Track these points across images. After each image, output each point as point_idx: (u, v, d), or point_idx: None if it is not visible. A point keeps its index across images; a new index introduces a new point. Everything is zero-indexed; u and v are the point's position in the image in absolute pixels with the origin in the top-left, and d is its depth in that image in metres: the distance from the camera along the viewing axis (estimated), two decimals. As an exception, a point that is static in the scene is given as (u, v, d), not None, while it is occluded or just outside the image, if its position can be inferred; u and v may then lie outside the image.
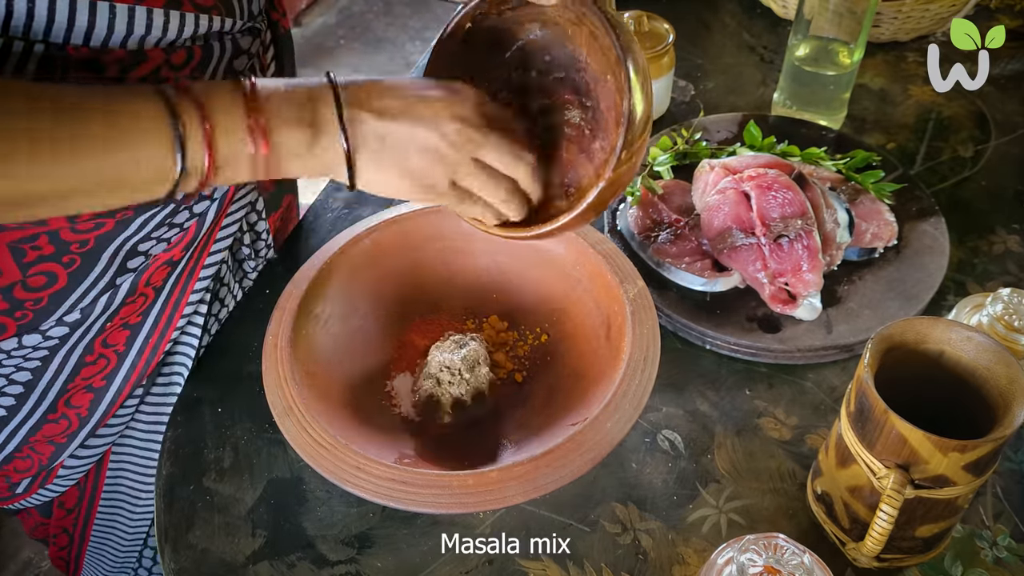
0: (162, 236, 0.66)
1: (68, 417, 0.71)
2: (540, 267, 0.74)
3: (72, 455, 0.74)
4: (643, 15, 0.93)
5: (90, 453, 0.75)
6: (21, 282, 0.61)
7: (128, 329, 0.70)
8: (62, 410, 0.70)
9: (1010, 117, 0.98)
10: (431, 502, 0.56)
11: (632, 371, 0.62)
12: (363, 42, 2.80)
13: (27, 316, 0.64)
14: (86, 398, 0.71)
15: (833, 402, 0.72)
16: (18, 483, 0.74)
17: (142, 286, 0.68)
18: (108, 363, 0.70)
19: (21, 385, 0.68)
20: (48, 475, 0.75)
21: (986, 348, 0.56)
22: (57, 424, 0.71)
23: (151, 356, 0.72)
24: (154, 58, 0.57)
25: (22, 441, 0.70)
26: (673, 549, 0.63)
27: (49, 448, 0.72)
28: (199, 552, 0.64)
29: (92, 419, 0.72)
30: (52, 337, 0.66)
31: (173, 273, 0.70)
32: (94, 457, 0.76)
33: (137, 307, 0.69)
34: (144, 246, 0.65)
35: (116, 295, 0.66)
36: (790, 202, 0.76)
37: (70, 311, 0.65)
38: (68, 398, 0.70)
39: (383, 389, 0.71)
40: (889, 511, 0.54)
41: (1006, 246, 0.84)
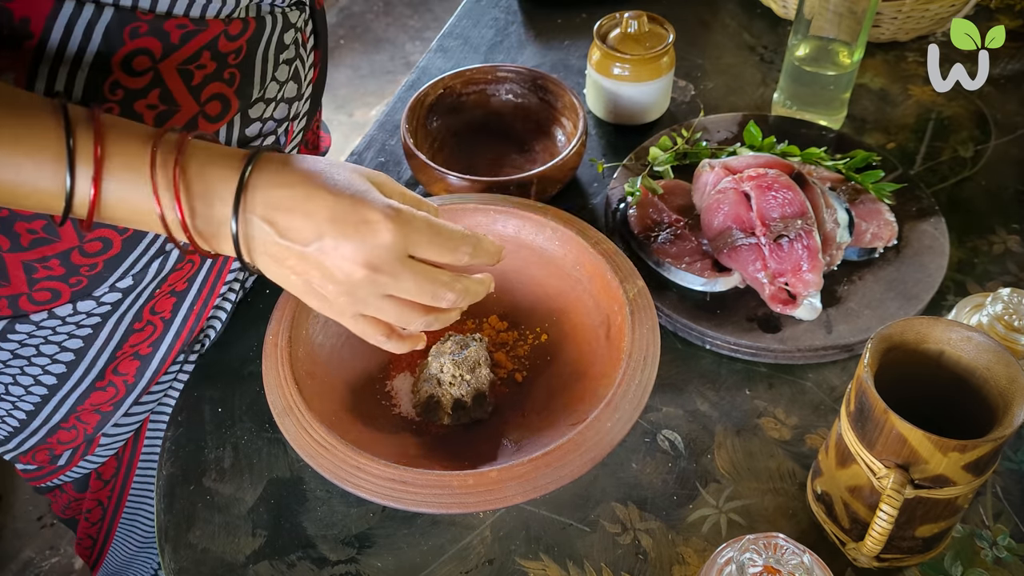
0: None
1: (115, 384, 0.72)
2: (540, 267, 0.74)
3: (115, 423, 0.75)
4: (643, 15, 0.93)
5: (131, 421, 0.77)
6: (78, 248, 0.63)
7: (175, 296, 0.71)
8: (109, 378, 0.71)
9: (1010, 117, 0.98)
10: (431, 502, 0.56)
11: (632, 371, 0.62)
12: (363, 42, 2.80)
13: (82, 282, 0.65)
14: (133, 365, 0.72)
15: (833, 402, 0.72)
16: (60, 455, 0.76)
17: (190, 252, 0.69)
18: (155, 330, 0.72)
19: (72, 352, 0.69)
20: (89, 445, 0.76)
21: (986, 348, 0.56)
22: (104, 392, 0.72)
23: (195, 324, 0.74)
24: (213, 27, 0.59)
25: (69, 411, 0.72)
26: (673, 549, 0.63)
27: (95, 417, 0.73)
28: (199, 552, 0.64)
29: (138, 386, 0.73)
30: (105, 303, 0.67)
31: None
32: (134, 425, 0.77)
33: (184, 273, 0.71)
34: None
35: (167, 261, 0.68)
36: (790, 202, 0.76)
37: (123, 277, 0.66)
38: (116, 366, 0.71)
39: (383, 389, 0.71)
40: (889, 511, 0.54)
41: (1006, 246, 0.84)
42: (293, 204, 0.51)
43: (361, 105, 2.58)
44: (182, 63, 0.60)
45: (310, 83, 0.76)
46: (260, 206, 0.51)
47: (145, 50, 0.57)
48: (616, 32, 0.94)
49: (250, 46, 0.63)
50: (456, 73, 0.94)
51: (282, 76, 0.69)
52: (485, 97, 0.96)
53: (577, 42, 1.11)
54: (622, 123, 0.98)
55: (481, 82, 0.95)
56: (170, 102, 0.60)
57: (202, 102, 0.62)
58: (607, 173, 0.92)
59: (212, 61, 0.61)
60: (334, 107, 2.57)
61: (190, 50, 0.59)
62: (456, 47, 1.11)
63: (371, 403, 0.69)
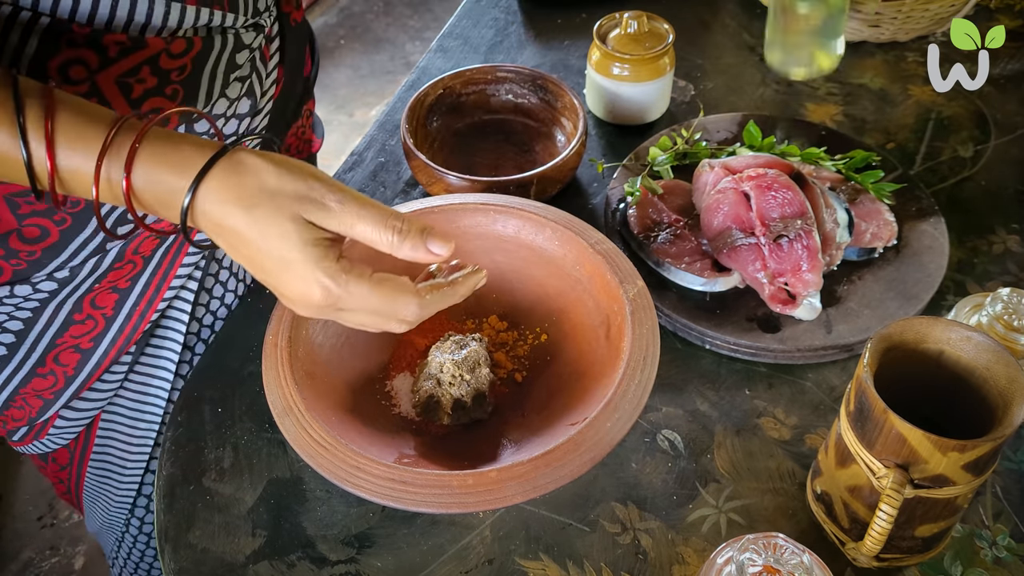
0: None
1: (55, 374, 0.73)
2: (540, 267, 0.74)
3: (61, 416, 0.76)
4: (643, 15, 0.94)
5: (78, 416, 0.77)
6: (17, 231, 0.64)
7: (116, 293, 0.72)
8: (50, 365, 0.73)
9: (1010, 117, 0.98)
10: (431, 502, 0.56)
11: (632, 371, 0.62)
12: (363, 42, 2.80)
13: (21, 265, 0.66)
14: (73, 357, 0.73)
15: (833, 402, 0.72)
16: (15, 430, 0.78)
17: (130, 253, 0.70)
18: (96, 325, 0.73)
19: (13, 335, 0.70)
20: (41, 430, 0.77)
21: (985, 348, 0.56)
22: (45, 379, 0.73)
23: (138, 322, 0.74)
24: (154, 45, 0.60)
25: (14, 391, 0.73)
26: (673, 549, 0.63)
27: (38, 402, 0.75)
28: (199, 552, 0.64)
29: (78, 378, 0.74)
30: (42, 291, 0.68)
31: (163, 244, 0.72)
32: (83, 420, 0.78)
33: (126, 272, 0.71)
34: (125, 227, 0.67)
35: (104, 259, 0.69)
36: (790, 202, 0.76)
37: (60, 268, 0.67)
38: (56, 354, 0.72)
39: (383, 389, 0.71)
40: (888, 511, 0.54)
41: (1006, 246, 0.84)
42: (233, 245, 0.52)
43: (361, 105, 2.58)
44: (120, 76, 0.60)
45: (269, 99, 0.76)
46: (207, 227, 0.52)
47: (81, 60, 0.58)
48: (616, 32, 0.94)
49: (196, 64, 0.63)
50: (456, 73, 0.94)
51: (233, 93, 0.69)
52: (485, 97, 0.96)
53: (577, 42, 1.11)
54: (622, 123, 0.98)
55: (481, 82, 0.95)
56: None
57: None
58: (607, 173, 0.92)
59: (152, 76, 0.61)
60: (334, 107, 2.57)
61: (128, 64, 0.59)
62: (456, 47, 1.11)
63: (371, 403, 0.69)
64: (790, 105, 1.01)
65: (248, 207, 0.51)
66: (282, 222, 0.51)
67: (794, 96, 1.02)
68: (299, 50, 0.81)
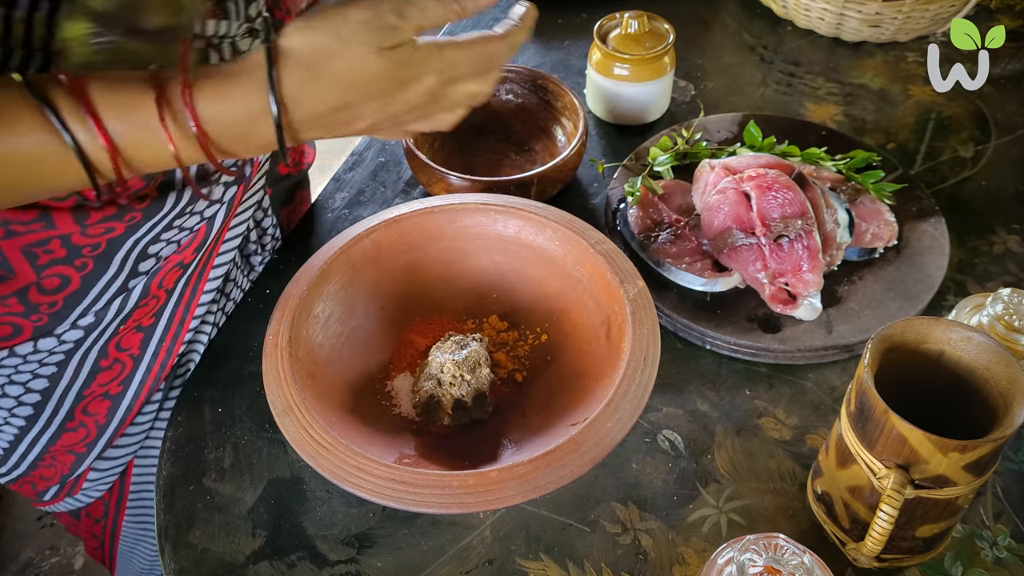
0: (172, 239, 0.66)
1: (86, 425, 0.71)
2: (540, 267, 0.74)
3: (94, 468, 0.74)
4: (643, 15, 0.93)
5: (111, 465, 0.75)
6: (36, 284, 0.62)
7: (141, 332, 0.70)
8: (80, 418, 0.70)
9: (1010, 117, 0.98)
10: (431, 502, 0.56)
11: (632, 371, 0.62)
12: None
13: (42, 319, 0.64)
14: (103, 405, 0.71)
15: (833, 402, 0.72)
16: (45, 491, 0.75)
17: (154, 288, 0.68)
18: (124, 368, 0.70)
19: (38, 393, 0.68)
20: (74, 486, 0.75)
21: (986, 348, 0.56)
22: (76, 432, 0.71)
23: (166, 359, 0.72)
24: None
25: (43, 451, 0.71)
26: (673, 549, 0.63)
27: (69, 458, 0.72)
28: (199, 552, 0.64)
29: (110, 427, 0.72)
30: (67, 341, 0.66)
31: (184, 275, 0.71)
32: (117, 468, 0.76)
33: (150, 309, 0.69)
34: (154, 248, 0.65)
35: (129, 298, 0.67)
36: (790, 202, 0.76)
37: (84, 314, 0.65)
38: (85, 405, 0.70)
39: (383, 389, 0.71)
40: (889, 511, 0.54)
41: (1006, 246, 0.84)
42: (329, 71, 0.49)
43: (361, 105, 2.58)
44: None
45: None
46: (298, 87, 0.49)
47: None
48: (616, 32, 0.94)
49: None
50: (456, 73, 0.94)
51: None
52: (485, 97, 0.95)
53: (577, 42, 1.11)
54: (622, 123, 0.98)
55: (481, 82, 0.95)
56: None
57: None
58: (607, 173, 0.92)
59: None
60: (334, 107, 2.56)
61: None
62: (456, 47, 1.11)
63: (371, 403, 0.69)
64: (790, 105, 1.01)
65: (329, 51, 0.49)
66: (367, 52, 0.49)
67: (794, 96, 1.02)
68: None
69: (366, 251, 0.72)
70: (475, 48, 0.52)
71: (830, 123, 0.98)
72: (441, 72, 0.52)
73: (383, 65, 0.49)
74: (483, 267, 0.76)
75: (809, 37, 1.11)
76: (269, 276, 0.84)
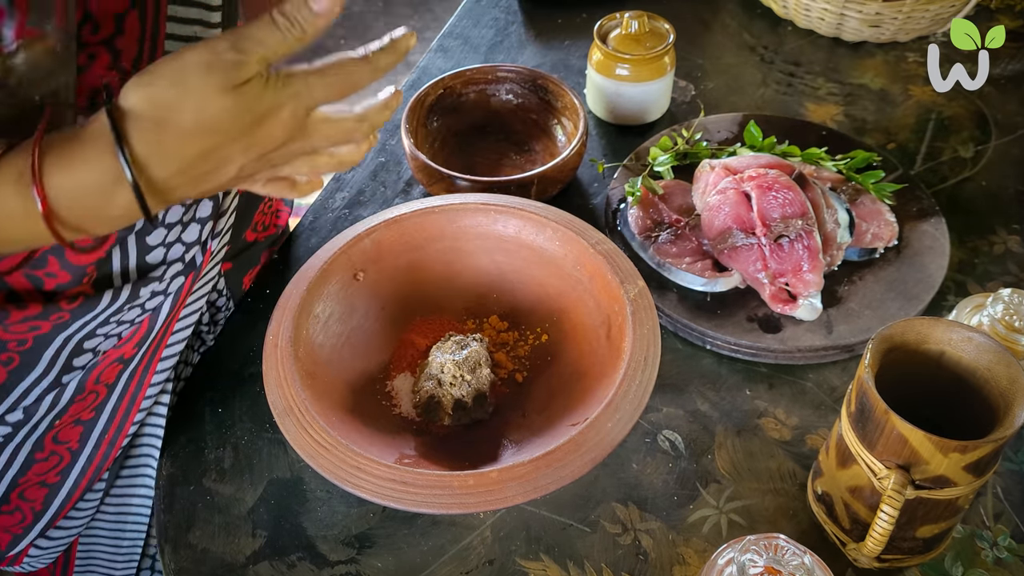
0: (110, 332, 0.63)
1: (22, 510, 0.68)
2: (540, 267, 0.74)
3: (35, 545, 0.71)
4: (643, 15, 0.93)
5: (53, 544, 0.72)
6: None
7: (81, 425, 0.66)
8: (16, 503, 0.67)
9: (1010, 117, 0.98)
10: (431, 502, 0.56)
11: (632, 371, 0.62)
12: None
13: None
14: (40, 492, 0.67)
15: (833, 402, 0.72)
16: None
17: (91, 384, 0.64)
18: (61, 460, 0.67)
19: None
20: (14, 559, 0.72)
21: (987, 348, 0.56)
22: (11, 516, 0.68)
23: (108, 450, 0.69)
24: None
25: None
26: (674, 549, 0.63)
27: (6, 536, 0.69)
28: (199, 552, 0.64)
29: (47, 513, 0.69)
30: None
31: (127, 370, 0.66)
32: (59, 547, 0.73)
33: (88, 404, 0.65)
34: (90, 343, 0.62)
35: (63, 393, 0.63)
36: (791, 202, 0.76)
37: (11, 410, 0.62)
38: (21, 491, 0.66)
39: (383, 389, 0.71)
40: (890, 512, 0.54)
41: (1006, 246, 0.84)
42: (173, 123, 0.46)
43: (361, 105, 2.58)
44: None
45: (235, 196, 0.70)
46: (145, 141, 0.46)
47: None
48: (616, 32, 0.94)
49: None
50: (456, 73, 0.94)
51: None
52: (485, 97, 0.95)
53: (577, 42, 1.11)
54: (622, 123, 0.98)
55: (481, 82, 0.95)
56: None
57: None
58: (607, 173, 0.92)
59: None
60: (334, 107, 2.56)
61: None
62: (456, 47, 1.11)
63: (371, 403, 0.69)
64: (790, 105, 1.01)
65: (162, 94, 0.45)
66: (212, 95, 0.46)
67: (794, 96, 1.02)
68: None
69: (366, 251, 0.72)
70: (330, 70, 0.49)
71: (830, 123, 0.98)
72: (297, 97, 0.48)
73: (232, 103, 0.46)
74: (483, 267, 0.76)
75: (809, 37, 1.11)
76: (269, 276, 0.83)
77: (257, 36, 0.46)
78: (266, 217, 0.83)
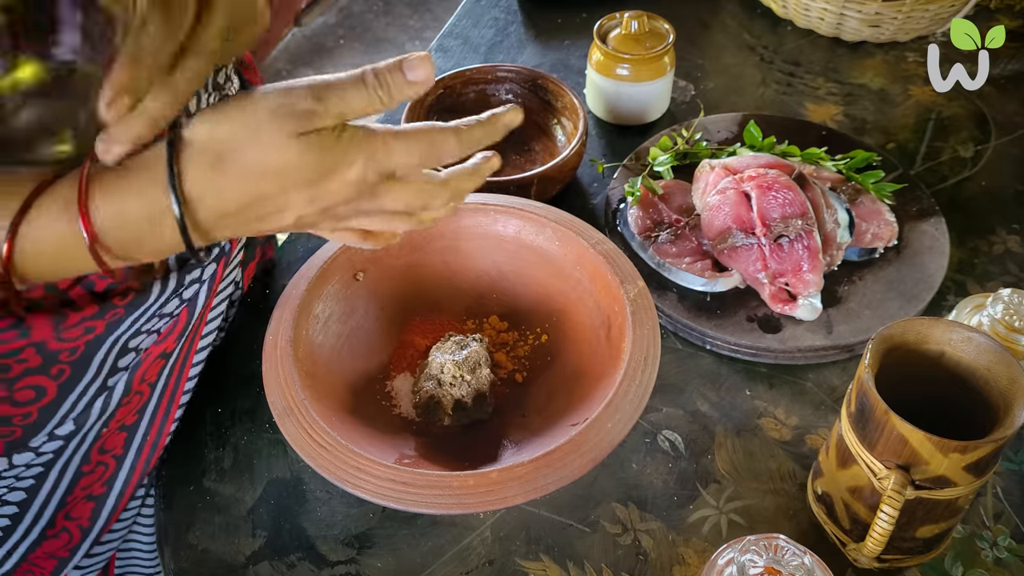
0: (152, 328, 0.61)
1: (69, 530, 0.66)
2: (540, 267, 0.74)
3: (76, 565, 0.69)
4: (643, 15, 0.93)
5: (93, 563, 0.71)
6: (8, 398, 0.56)
7: (125, 431, 0.65)
8: (62, 524, 0.65)
9: (1010, 117, 0.98)
10: (431, 502, 0.56)
11: (632, 371, 0.62)
12: (363, 42, 2.80)
13: (15, 433, 0.58)
14: (87, 508, 0.66)
15: (833, 402, 0.72)
16: None
17: (136, 383, 0.63)
18: (107, 469, 0.66)
19: (15, 505, 0.62)
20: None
21: (987, 349, 0.56)
22: (58, 539, 0.66)
23: (150, 454, 0.68)
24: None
25: (21, 559, 0.65)
26: (673, 549, 0.63)
27: (51, 563, 0.67)
28: (199, 552, 0.64)
29: (94, 529, 0.67)
30: (45, 452, 0.61)
31: (167, 365, 0.66)
32: (99, 564, 0.72)
33: (133, 407, 0.64)
34: (135, 342, 0.61)
35: (111, 397, 0.62)
36: (790, 202, 0.76)
37: (62, 423, 0.60)
38: (68, 511, 0.65)
39: (383, 389, 0.71)
40: (890, 512, 0.54)
41: (1006, 246, 0.84)
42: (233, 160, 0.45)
43: (361, 105, 2.58)
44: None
45: None
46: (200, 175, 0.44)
47: None
48: (616, 32, 0.94)
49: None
50: (456, 73, 0.94)
51: None
52: (485, 97, 0.95)
53: (577, 42, 1.11)
54: (622, 123, 0.98)
55: (481, 82, 0.95)
56: None
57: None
58: (607, 173, 0.92)
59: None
60: (334, 107, 2.56)
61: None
62: (456, 47, 1.11)
63: (371, 403, 0.69)
64: (790, 105, 1.01)
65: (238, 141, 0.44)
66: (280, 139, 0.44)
67: (794, 96, 1.02)
68: None
69: (366, 251, 0.72)
70: (415, 136, 0.47)
71: (830, 123, 0.98)
72: (372, 157, 0.46)
73: (300, 151, 0.44)
74: (483, 267, 0.76)
75: (809, 37, 1.11)
76: (269, 276, 0.83)
77: (340, 89, 0.45)
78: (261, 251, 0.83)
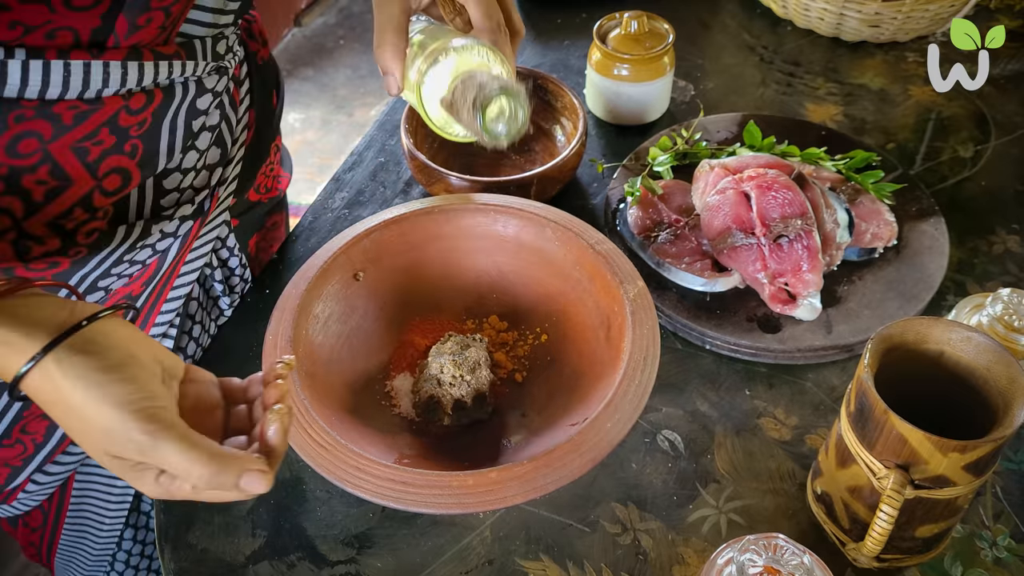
0: (123, 272, 0.64)
1: (23, 442, 0.68)
2: (540, 267, 0.74)
3: (32, 480, 0.72)
4: (643, 15, 0.93)
5: (50, 479, 0.73)
6: None
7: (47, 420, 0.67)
8: (17, 435, 0.67)
9: (1010, 117, 0.98)
10: (431, 502, 0.56)
11: (632, 371, 0.62)
12: (363, 42, 2.80)
13: None
14: (42, 425, 0.68)
15: (833, 402, 0.72)
16: None
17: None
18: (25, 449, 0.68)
19: None
20: (9, 495, 0.73)
21: (986, 348, 0.56)
22: (12, 448, 0.68)
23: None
24: (111, 105, 0.57)
25: None
26: (673, 549, 0.63)
27: (5, 470, 0.70)
28: (199, 552, 0.64)
29: (47, 445, 0.70)
30: None
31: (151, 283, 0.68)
32: (56, 482, 0.74)
33: None
34: (104, 282, 0.63)
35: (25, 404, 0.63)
36: (790, 202, 0.76)
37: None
38: (24, 425, 0.67)
39: (383, 389, 0.71)
40: (889, 511, 0.54)
41: (1006, 246, 0.84)
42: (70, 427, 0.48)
43: (361, 105, 2.58)
44: (76, 142, 0.56)
45: (241, 145, 0.73)
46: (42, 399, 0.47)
47: (33, 132, 0.54)
48: (616, 32, 0.94)
49: (156, 117, 0.60)
50: (456, 73, 0.94)
51: (203, 144, 0.67)
52: (485, 97, 0.95)
53: (577, 42, 1.11)
54: (622, 123, 0.98)
55: (481, 82, 0.95)
56: (62, 178, 0.57)
57: (99, 176, 0.59)
58: (607, 173, 0.92)
59: (111, 135, 0.58)
60: (334, 107, 2.57)
61: (86, 129, 0.56)
62: (456, 47, 1.11)
63: (371, 403, 0.69)
64: (790, 105, 1.01)
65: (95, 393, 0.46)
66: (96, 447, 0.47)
67: (794, 96, 1.02)
68: (268, 90, 0.79)
69: (366, 251, 0.72)
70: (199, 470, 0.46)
71: (830, 123, 0.98)
72: (158, 481, 0.48)
73: (104, 460, 0.47)
74: (483, 267, 0.76)
75: (809, 37, 1.11)
76: (269, 276, 0.84)
77: (177, 460, 0.45)
78: (268, 180, 0.86)
